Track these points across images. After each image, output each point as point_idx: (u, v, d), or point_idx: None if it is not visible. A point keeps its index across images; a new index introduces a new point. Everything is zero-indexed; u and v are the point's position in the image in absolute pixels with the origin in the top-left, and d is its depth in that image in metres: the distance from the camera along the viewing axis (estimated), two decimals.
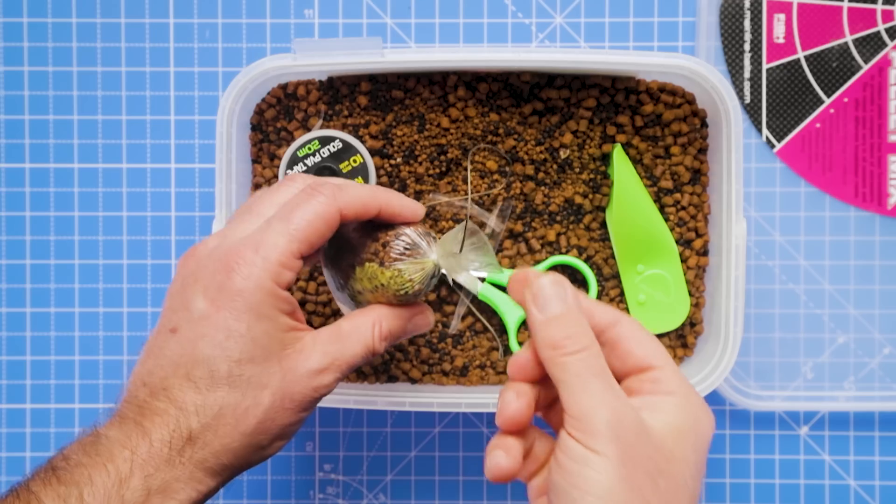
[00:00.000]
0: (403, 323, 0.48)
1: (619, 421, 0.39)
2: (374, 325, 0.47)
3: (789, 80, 0.65)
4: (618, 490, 0.38)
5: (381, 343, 0.47)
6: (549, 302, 0.42)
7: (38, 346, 0.67)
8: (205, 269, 0.44)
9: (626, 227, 0.60)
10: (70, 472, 0.41)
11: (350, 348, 0.46)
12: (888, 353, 0.66)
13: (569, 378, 0.40)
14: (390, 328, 0.47)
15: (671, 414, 0.41)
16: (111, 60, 0.66)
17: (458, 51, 0.61)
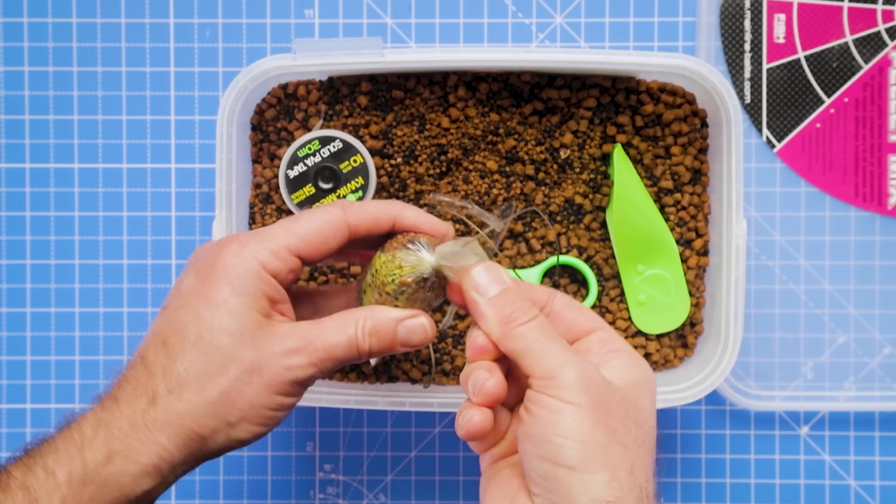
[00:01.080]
0: (392, 323, 0.46)
1: (586, 375, 0.42)
2: (359, 320, 0.46)
3: (789, 80, 0.65)
4: (596, 433, 0.41)
5: (365, 338, 0.45)
6: (487, 285, 0.45)
7: (39, 346, 0.67)
8: (204, 251, 0.46)
9: (627, 227, 0.60)
10: (40, 447, 0.43)
11: (329, 335, 0.45)
12: (888, 353, 0.66)
13: (528, 345, 0.43)
14: (375, 324, 0.46)
15: (624, 369, 0.45)
16: (111, 60, 0.66)
17: (458, 51, 0.61)
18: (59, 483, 0.41)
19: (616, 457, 0.41)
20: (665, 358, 0.62)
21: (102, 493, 0.41)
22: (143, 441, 0.42)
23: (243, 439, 0.44)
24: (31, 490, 0.41)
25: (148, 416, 0.43)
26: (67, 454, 0.42)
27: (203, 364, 0.43)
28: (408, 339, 0.47)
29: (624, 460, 0.41)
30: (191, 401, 0.43)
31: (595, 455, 0.41)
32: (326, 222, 0.46)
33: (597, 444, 0.41)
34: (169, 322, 0.44)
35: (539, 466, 0.41)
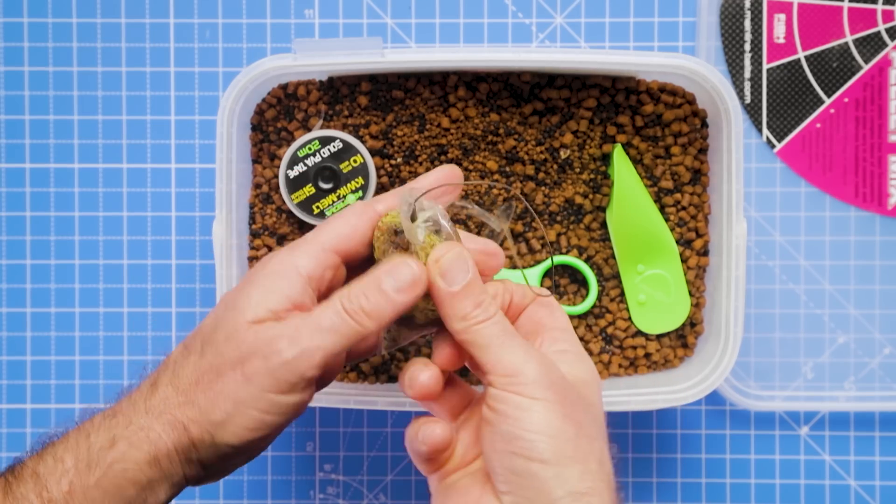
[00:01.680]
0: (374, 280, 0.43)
1: (548, 370, 0.43)
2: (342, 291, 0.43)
3: (790, 80, 0.65)
4: (565, 427, 0.41)
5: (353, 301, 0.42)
6: (456, 274, 0.44)
7: (39, 346, 0.67)
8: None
9: (627, 227, 0.60)
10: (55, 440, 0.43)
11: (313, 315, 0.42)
12: (888, 353, 0.66)
13: (488, 342, 0.43)
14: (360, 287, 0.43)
15: (575, 366, 0.45)
16: (111, 60, 0.66)
17: (458, 51, 0.61)
18: (66, 468, 0.41)
19: (585, 449, 0.42)
20: (665, 358, 0.62)
21: (108, 479, 0.41)
22: (143, 427, 0.42)
23: (231, 443, 0.42)
24: (41, 477, 0.41)
25: (148, 402, 0.42)
26: (76, 441, 0.42)
27: (200, 359, 0.43)
28: (396, 284, 0.43)
29: (592, 452, 0.42)
30: (184, 392, 0.42)
31: (566, 448, 0.41)
32: (352, 210, 0.46)
33: (566, 437, 0.41)
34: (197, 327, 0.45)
35: (510, 463, 0.41)
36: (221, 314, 0.43)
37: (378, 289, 0.43)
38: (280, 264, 0.44)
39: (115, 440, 0.42)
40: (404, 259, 0.44)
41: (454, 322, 0.44)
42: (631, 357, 0.62)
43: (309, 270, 0.43)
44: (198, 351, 0.43)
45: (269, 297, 0.42)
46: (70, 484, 0.41)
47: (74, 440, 0.42)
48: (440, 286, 0.43)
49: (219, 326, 0.43)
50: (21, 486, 0.41)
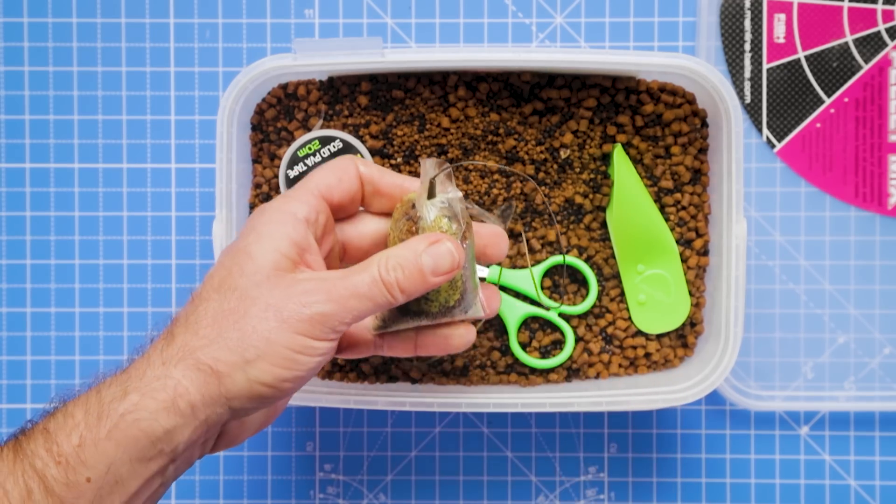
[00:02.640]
0: (414, 254, 0.45)
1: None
2: (381, 257, 0.45)
3: (790, 79, 0.65)
4: None
5: (389, 272, 0.44)
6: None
7: (38, 346, 0.67)
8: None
9: (627, 226, 0.60)
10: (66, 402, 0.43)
11: (349, 275, 0.44)
12: (888, 353, 0.66)
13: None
14: (398, 258, 0.45)
15: None
16: (111, 60, 0.66)
17: (458, 51, 0.61)
18: (76, 423, 0.41)
19: None
20: (665, 358, 0.62)
21: (120, 430, 0.41)
22: (158, 376, 0.42)
23: (265, 381, 0.42)
24: (51, 432, 0.41)
25: (164, 354, 0.42)
26: (86, 397, 0.42)
27: (219, 303, 0.43)
28: (435, 266, 0.45)
29: None
30: (206, 336, 0.42)
31: None
32: (337, 160, 0.49)
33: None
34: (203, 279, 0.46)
35: None
36: (233, 263, 0.44)
37: (416, 266, 0.45)
38: (278, 212, 0.46)
39: (127, 391, 0.42)
40: (447, 243, 0.46)
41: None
42: (631, 357, 0.62)
43: (305, 215, 0.46)
44: (213, 298, 0.43)
45: (280, 244, 0.44)
46: (80, 437, 0.41)
47: (85, 397, 0.42)
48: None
49: (236, 273, 0.44)
50: (31, 443, 0.41)
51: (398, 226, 0.48)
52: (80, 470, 0.41)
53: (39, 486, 0.40)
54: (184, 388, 0.42)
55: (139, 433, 0.41)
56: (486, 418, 0.67)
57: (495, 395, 0.59)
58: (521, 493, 0.67)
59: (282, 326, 0.42)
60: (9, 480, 0.40)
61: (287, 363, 0.43)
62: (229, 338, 0.42)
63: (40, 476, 0.41)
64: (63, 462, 0.41)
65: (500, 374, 0.62)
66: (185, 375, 0.42)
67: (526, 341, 0.62)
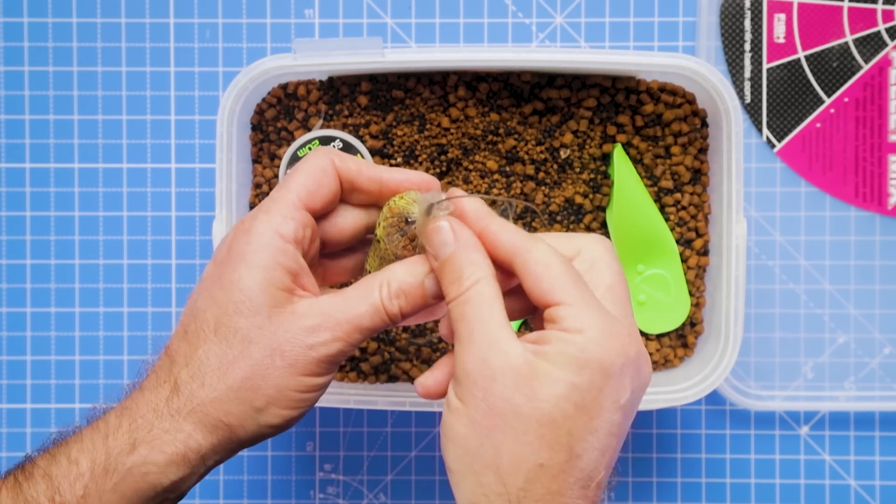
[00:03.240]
0: (417, 279, 0.43)
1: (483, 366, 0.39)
2: (382, 284, 0.43)
3: (790, 79, 0.65)
4: (468, 433, 0.39)
5: (392, 301, 0.43)
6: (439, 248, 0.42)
7: (39, 346, 0.67)
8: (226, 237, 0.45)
9: (627, 226, 0.60)
10: (67, 438, 0.42)
11: (352, 307, 0.42)
12: (888, 353, 0.66)
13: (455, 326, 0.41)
14: (400, 284, 0.43)
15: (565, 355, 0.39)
16: (111, 60, 0.66)
17: (458, 51, 0.61)
18: (81, 472, 0.41)
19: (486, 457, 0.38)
20: (665, 358, 0.62)
21: (127, 483, 0.41)
22: (168, 429, 0.41)
23: (275, 424, 0.42)
24: (53, 479, 0.41)
25: (172, 405, 0.42)
26: (91, 443, 0.41)
27: (223, 349, 0.42)
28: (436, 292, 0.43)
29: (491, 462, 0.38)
30: (213, 388, 0.42)
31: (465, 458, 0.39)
32: (315, 166, 0.44)
33: (468, 446, 0.39)
34: (189, 310, 0.43)
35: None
36: (227, 301, 0.42)
37: (419, 293, 0.43)
38: (265, 235, 0.43)
39: (136, 444, 0.41)
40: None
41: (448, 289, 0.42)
42: None
43: (293, 234, 0.43)
44: (213, 341, 0.42)
45: (273, 275, 0.42)
46: (85, 488, 0.40)
47: (90, 441, 0.41)
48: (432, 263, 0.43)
49: (233, 312, 0.42)
50: (32, 488, 0.41)
51: (391, 240, 0.45)
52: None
53: None
54: (195, 443, 0.41)
55: (146, 486, 0.41)
56: None
57: None
58: None
59: (289, 371, 0.42)
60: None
61: (294, 404, 0.43)
62: (238, 389, 0.42)
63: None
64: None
65: None
66: (197, 429, 0.41)
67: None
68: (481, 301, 0.40)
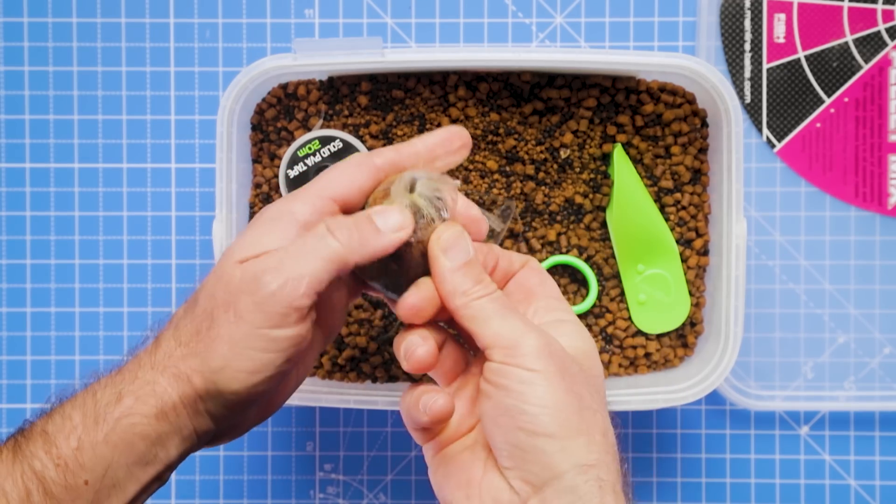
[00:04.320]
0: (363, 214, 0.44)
1: (546, 343, 0.43)
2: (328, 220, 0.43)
3: (790, 79, 0.65)
4: (568, 399, 0.41)
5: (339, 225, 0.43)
6: (457, 252, 0.44)
7: (38, 346, 0.67)
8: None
9: (627, 226, 0.60)
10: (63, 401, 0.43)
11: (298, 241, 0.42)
12: (888, 353, 0.66)
13: (487, 316, 0.43)
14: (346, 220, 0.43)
15: (574, 337, 0.46)
16: (111, 60, 0.66)
17: (458, 51, 0.61)
18: (74, 425, 0.41)
19: (589, 421, 0.42)
20: (665, 358, 0.62)
21: (117, 434, 0.41)
22: (148, 381, 0.42)
23: (234, 389, 0.41)
24: (49, 434, 0.41)
25: (153, 358, 0.43)
26: (83, 399, 0.42)
27: (199, 311, 0.43)
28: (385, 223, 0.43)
29: (595, 423, 0.42)
30: (186, 345, 0.42)
31: (571, 420, 0.41)
32: (350, 159, 0.46)
33: (570, 409, 0.41)
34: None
35: (514, 438, 0.41)
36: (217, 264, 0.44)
37: (362, 215, 0.44)
38: (277, 212, 0.44)
39: (122, 395, 0.42)
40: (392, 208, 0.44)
41: (455, 298, 0.44)
42: (631, 357, 0.62)
43: (305, 216, 0.43)
44: (199, 303, 0.43)
45: (263, 240, 0.43)
46: (79, 440, 0.41)
47: (81, 398, 0.42)
48: (441, 262, 0.44)
49: (214, 280, 0.43)
50: (30, 445, 0.41)
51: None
52: (78, 473, 0.41)
53: (38, 488, 0.40)
54: (169, 397, 0.42)
55: (135, 437, 0.41)
56: None
57: None
58: None
59: (240, 324, 0.41)
60: (7, 482, 0.41)
61: (253, 364, 0.41)
62: (201, 347, 0.42)
63: (39, 478, 0.41)
64: (62, 465, 0.41)
65: None
66: (169, 384, 0.42)
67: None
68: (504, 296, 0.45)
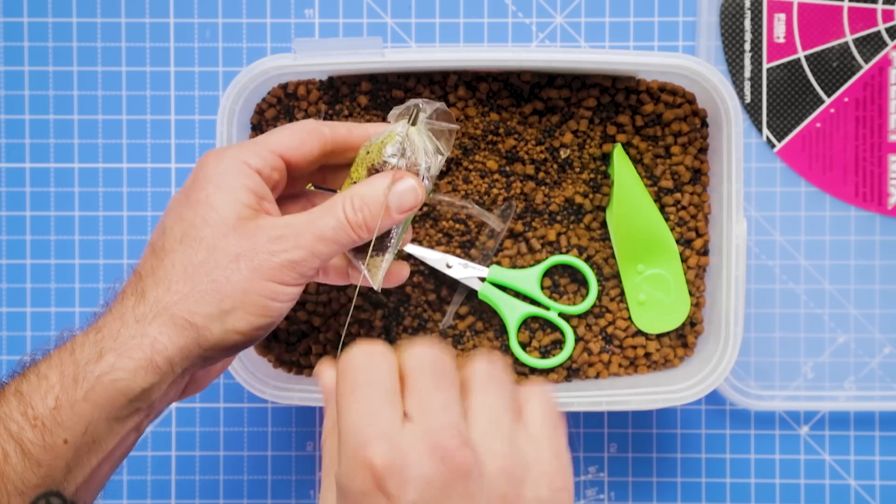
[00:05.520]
0: (380, 191, 0.46)
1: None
2: (346, 197, 0.45)
3: (790, 79, 0.65)
4: None
5: (356, 213, 0.45)
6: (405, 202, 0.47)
7: (38, 346, 0.67)
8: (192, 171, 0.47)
9: (627, 226, 0.60)
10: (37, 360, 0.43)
11: (315, 219, 0.44)
12: (888, 353, 0.66)
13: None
14: (363, 196, 0.45)
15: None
16: (111, 60, 0.66)
17: (458, 50, 0.61)
18: (51, 385, 0.41)
19: None
20: (665, 358, 0.62)
21: (97, 392, 0.41)
22: (134, 335, 0.42)
23: (241, 329, 0.43)
24: (24, 395, 0.41)
25: (137, 311, 0.42)
26: (59, 359, 0.42)
27: (188, 255, 0.43)
28: (400, 203, 0.46)
29: None
30: (179, 291, 0.42)
31: None
32: (301, 125, 0.48)
33: None
34: (157, 231, 0.45)
35: None
36: (194, 215, 0.44)
37: (381, 204, 0.45)
38: (231, 161, 0.45)
39: (103, 353, 0.41)
40: (410, 180, 0.46)
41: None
42: (631, 357, 0.62)
43: (258, 167, 0.45)
44: (178, 250, 0.43)
45: (240, 194, 0.44)
46: (56, 399, 0.41)
47: (58, 358, 0.42)
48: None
49: (200, 224, 0.43)
50: (4, 406, 0.41)
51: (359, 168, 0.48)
52: (56, 432, 0.40)
53: (16, 450, 0.40)
54: (161, 345, 0.42)
55: (116, 393, 0.41)
56: None
57: None
58: None
59: (254, 275, 0.43)
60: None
61: (261, 310, 0.43)
62: (204, 290, 0.42)
63: (16, 440, 0.40)
64: (39, 425, 0.40)
65: None
66: (162, 332, 0.42)
67: (526, 341, 0.62)
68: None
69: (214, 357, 0.44)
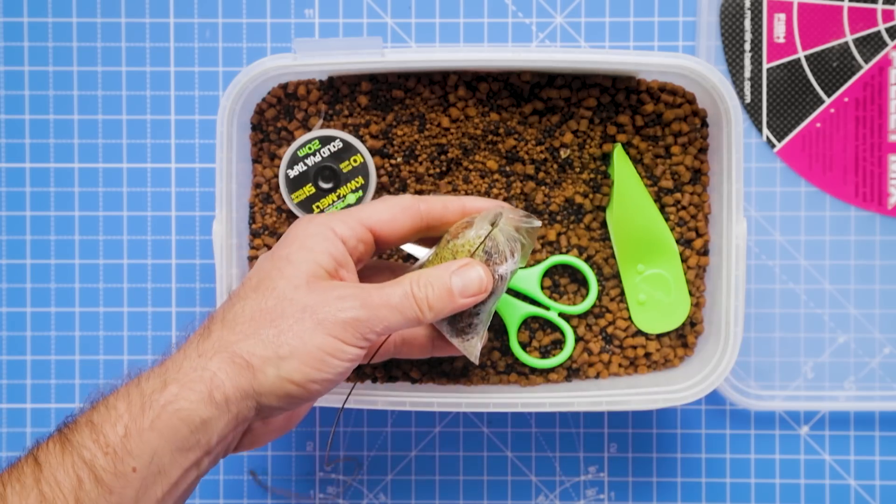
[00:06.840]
0: (446, 273, 0.48)
1: None
2: (414, 275, 0.47)
3: (790, 79, 0.65)
4: None
5: (421, 289, 0.47)
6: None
7: (39, 346, 0.67)
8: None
9: (627, 226, 0.60)
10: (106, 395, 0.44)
11: (385, 288, 0.46)
12: (888, 353, 0.66)
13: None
14: (429, 277, 0.47)
15: None
16: (111, 60, 0.66)
17: (458, 50, 0.61)
18: (120, 414, 0.42)
19: None
20: (665, 358, 0.62)
21: (162, 420, 0.42)
22: (195, 368, 0.43)
23: (295, 379, 0.44)
24: (95, 424, 0.42)
25: (201, 347, 0.44)
26: (126, 390, 0.43)
27: (258, 302, 0.45)
28: (464, 288, 0.48)
29: None
30: (242, 332, 0.44)
31: None
32: (398, 201, 0.50)
33: None
34: (240, 283, 0.48)
35: None
36: (272, 267, 0.46)
37: (446, 286, 0.47)
38: (319, 227, 0.48)
39: (167, 383, 0.43)
40: (477, 268, 0.48)
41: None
42: (631, 357, 0.62)
43: (344, 236, 0.48)
44: (251, 297, 0.45)
45: (320, 256, 0.47)
46: (125, 427, 0.42)
47: (125, 390, 0.44)
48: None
49: (276, 276, 0.46)
50: (77, 435, 0.42)
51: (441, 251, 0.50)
52: (126, 460, 0.42)
53: (89, 476, 0.41)
54: (219, 381, 0.43)
55: (179, 423, 0.42)
56: (486, 418, 0.67)
57: (495, 394, 0.59)
58: (521, 493, 0.67)
59: (316, 328, 0.44)
60: (59, 471, 0.41)
61: (318, 364, 0.44)
62: (265, 334, 0.44)
63: (89, 466, 0.41)
64: (111, 452, 0.42)
65: (500, 374, 0.62)
66: (220, 368, 0.43)
67: (526, 341, 0.62)
68: None
69: (270, 406, 0.45)
